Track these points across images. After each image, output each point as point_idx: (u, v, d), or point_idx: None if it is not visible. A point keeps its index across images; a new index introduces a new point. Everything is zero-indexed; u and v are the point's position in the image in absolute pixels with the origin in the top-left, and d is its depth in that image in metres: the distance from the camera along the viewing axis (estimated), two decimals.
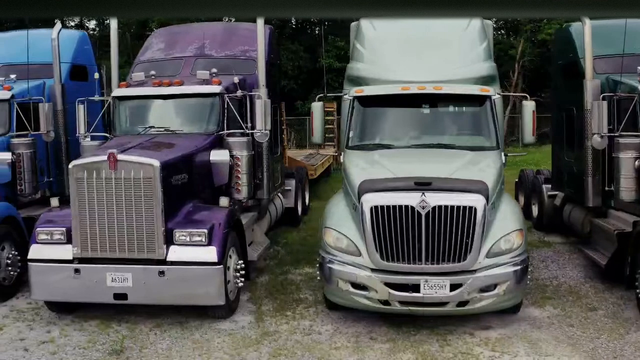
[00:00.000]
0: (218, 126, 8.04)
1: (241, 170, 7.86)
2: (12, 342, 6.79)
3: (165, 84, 8.11)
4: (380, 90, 7.66)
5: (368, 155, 7.38)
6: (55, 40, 9.02)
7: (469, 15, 0.83)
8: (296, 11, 0.85)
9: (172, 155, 7.07)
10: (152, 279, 6.78)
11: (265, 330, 6.89)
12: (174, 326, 7.04)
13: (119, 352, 6.41)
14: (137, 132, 8.11)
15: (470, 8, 0.81)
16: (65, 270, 6.95)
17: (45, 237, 7.04)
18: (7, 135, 8.66)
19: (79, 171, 6.82)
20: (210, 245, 6.79)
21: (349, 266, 6.68)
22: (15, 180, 8.55)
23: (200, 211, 7.19)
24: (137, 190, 6.74)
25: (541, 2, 0.80)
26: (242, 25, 9.87)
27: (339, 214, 6.98)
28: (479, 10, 0.82)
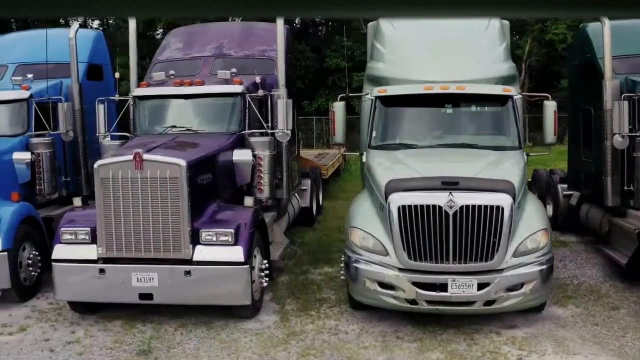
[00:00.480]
0: (240, 126, 8.03)
1: (263, 170, 7.85)
2: (37, 342, 6.76)
3: (186, 84, 8.09)
4: (403, 90, 7.67)
5: (392, 154, 7.39)
6: (73, 39, 8.99)
7: (471, 15, 0.84)
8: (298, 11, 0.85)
9: (197, 155, 7.05)
10: (178, 278, 6.77)
11: (292, 330, 6.89)
12: (199, 326, 7.03)
13: (147, 353, 6.40)
14: (158, 131, 8.09)
15: (472, 8, 0.81)
16: (90, 270, 6.92)
17: (70, 237, 7.02)
18: (25, 134, 8.63)
19: (105, 171, 6.80)
20: (237, 245, 6.78)
21: (375, 265, 6.68)
22: (34, 180, 8.51)
23: (226, 211, 7.18)
24: (163, 190, 6.72)
25: (543, 2, 0.80)
26: (260, 25, 9.86)
27: (365, 213, 6.98)
28: (481, 10, 0.82)
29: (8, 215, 7.61)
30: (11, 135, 8.60)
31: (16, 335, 6.97)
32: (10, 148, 8.35)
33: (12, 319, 7.42)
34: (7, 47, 10.27)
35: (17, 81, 8.79)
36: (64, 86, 9.24)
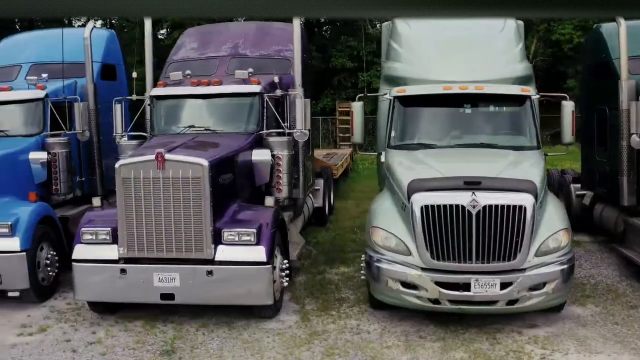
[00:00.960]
0: (258, 126, 8.03)
1: (282, 169, 7.85)
2: (59, 343, 6.74)
3: (204, 84, 8.08)
4: (422, 90, 7.68)
5: (411, 154, 7.40)
6: (88, 39, 8.96)
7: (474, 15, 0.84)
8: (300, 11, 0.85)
9: (218, 155, 7.04)
10: (200, 278, 6.76)
11: (314, 330, 6.89)
12: (221, 326, 7.02)
13: (171, 353, 6.38)
14: (176, 131, 8.07)
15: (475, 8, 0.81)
16: (111, 270, 6.90)
17: (90, 237, 6.99)
18: (41, 134, 8.60)
19: (126, 171, 6.78)
20: (259, 245, 6.77)
21: (398, 265, 6.69)
22: (50, 180, 8.49)
23: (247, 211, 7.17)
24: (185, 190, 6.71)
25: (544, 2, 0.80)
26: (275, 25, 9.85)
27: (386, 213, 6.99)
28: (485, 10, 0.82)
29: (26, 215, 7.58)
30: (27, 135, 8.57)
31: (36, 336, 6.94)
32: (26, 148, 8.32)
33: (31, 319, 7.40)
34: (20, 46, 10.23)
35: (32, 80, 8.75)
36: (79, 86, 9.20)
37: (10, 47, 10.34)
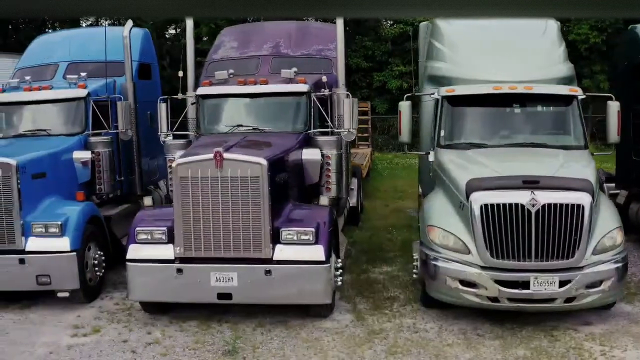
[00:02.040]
0: (305, 125, 8.02)
1: (331, 169, 7.85)
2: (115, 344, 6.69)
3: (251, 83, 8.06)
4: (473, 89, 7.72)
5: (463, 153, 7.44)
6: (127, 38, 8.90)
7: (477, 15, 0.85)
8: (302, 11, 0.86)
9: (274, 154, 7.03)
10: (258, 278, 6.74)
11: (371, 329, 6.89)
12: (277, 325, 7.00)
13: (233, 353, 6.36)
14: (224, 130, 8.05)
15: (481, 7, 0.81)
16: (167, 270, 6.86)
17: (145, 236, 6.95)
18: (83, 133, 8.53)
19: (184, 170, 6.75)
20: (318, 244, 6.76)
21: (456, 264, 6.72)
22: (93, 180, 8.42)
23: (303, 210, 7.17)
24: (243, 189, 6.68)
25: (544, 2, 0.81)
26: (314, 25, 9.87)
27: (442, 211, 7.01)
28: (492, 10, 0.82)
29: (75, 215, 7.52)
30: (69, 134, 8.50)
31: (91, 337, 6.89)
32: (70, 147, 8.25)
33: (82, 320, 7.34)
34: (55, 45, 10.14)
35: (73, 79, 8.68)
36: (118, 85, 9.14)
37: (45, 46, 10.24)
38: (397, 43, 22.75)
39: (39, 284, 7.36)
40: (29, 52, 10.11)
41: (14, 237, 7.33)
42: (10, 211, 7.30)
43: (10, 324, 7.32)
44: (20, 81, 8.83)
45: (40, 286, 7.38)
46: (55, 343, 6.75)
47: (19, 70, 9.71)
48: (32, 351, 6.59)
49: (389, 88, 22.78)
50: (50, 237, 7.35)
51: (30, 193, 7.46)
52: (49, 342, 6.77)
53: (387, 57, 23.24)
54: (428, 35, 9.29)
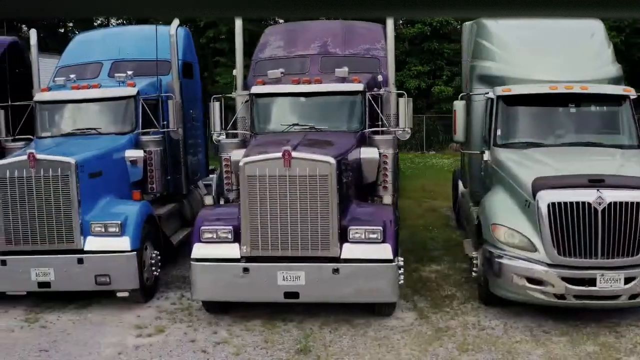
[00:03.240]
0: (361, 124, 8.04)
1: (388, 168, 7.88)
2: (184, 343, 6.66)
3: (305, 82, 8.06)
4: (530, 89, 7.80)
5: (523, 153, 7.51)
6: (174, 36, 8.85)
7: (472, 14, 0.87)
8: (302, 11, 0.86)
9: (338, 153, 7.03)
10: (325, 277, 6.74)
11: (437, 327, 6.93)
12: (342, 324, 7.01)
13: (307, 351, 6.36)
14: (279, 129, 8.03)
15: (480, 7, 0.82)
16: (233, 269, 6.84)
17: (210, 235, 6.92)
18: (134, 132, 8.47)
19: (251, 168, 6.73)
20: (385, 243, 6.78)
21: (522, 261, 6.78)
22: (144, 179, 8.37)
23: (368, 208, 7.19)
24: (312, 188, 6.68)
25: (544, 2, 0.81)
26: (359, 24, 9.86)
27: (506, 210, 7.07)
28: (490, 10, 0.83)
29: (134, 215, 7.47)
30: (119, 133, 8.43)
31: (156, 337, 6.84)
32: (122, 146, 8.19)
33: (143, 320, 7.29)
34: (97, 43, 10.04)
35: (121, 78, 8.61)
36: (164, 83, 9.09)
37: (86, 44, 10.14)
38: (415, 43, 22.87)
39: (97, 284, 7.30)
40: (69, 50, 10.02)
41: (73, 236, 7.27)
42: (69, 210, 7.24)
43: (70, 324, 7.25)
44: (66, 79, 8.74)
45: (99, 286, 7.32)
46: (122, 343, 6.70)
47: (61, 68, 9.61)
48: (99, 352, 6.53)
49: (407, 87, 22.88)
50: (109, 236, 7.29)
51: (87, 192, 7.40)
52: (115, 343, 6.72)
53: (405, 56, 23.35)
54: (473, 35, 9.35)
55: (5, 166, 7.31)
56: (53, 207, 7.23)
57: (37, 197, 7.23)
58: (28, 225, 7.27)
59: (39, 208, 7.24)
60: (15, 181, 7.26)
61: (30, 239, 7.30)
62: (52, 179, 7.21)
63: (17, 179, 7.25)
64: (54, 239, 7.28)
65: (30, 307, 7.74)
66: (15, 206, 7.27)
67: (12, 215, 7.29)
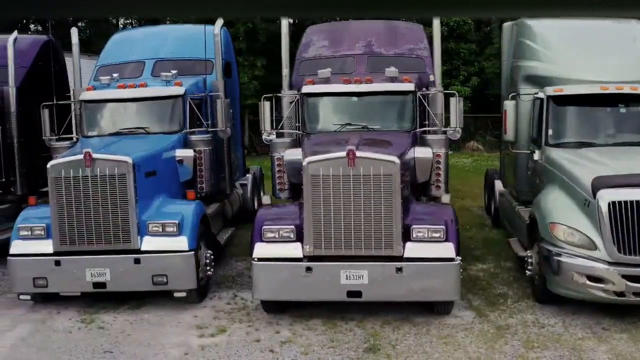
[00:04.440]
0: (412, 124, 8.08)
1: (442, 167, 7.92)
2: (249, 343, 6.64)
3: (356, 81, 8.08)
4: (581, 89, 7.89)
5: (576, 152, 7.60)
6: (219, 35, 8.83)
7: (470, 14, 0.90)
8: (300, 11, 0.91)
9: (399, 152, 7.06)
10: (389, 276, 6.77)
11: (497, 325, 6.98)
12: (403, 323, 7.03)
13: (375, 350, 6.38)
14: (331, 129, 8.04)
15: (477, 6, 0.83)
16: (296, 268, 6.84)
17: (272, 235, 6.91)
18: (182, 132, 8.42)
19: (315, 168, 6.73)
20: (448, 242, 6.82)
21: (582, 259, 6.86)
22: (194, 178, 8.33)
23: (428, 208, 7.23)
24: (375, 187, 6.70)
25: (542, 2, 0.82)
26: (401, 24, 9.91)
27: (564, 209, 7.15)
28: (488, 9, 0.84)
29: (190, 214, 7.43)
30: (168, 132, 8.39)
31: (219, 337, 6.81)
32: (173, 145, 8.14)
33: (202, 320, 7.25)
34: (137, 42, 9.98)
35: (168, 77, 8.57)
36: (208, 82, 9.05)
37: (125, 43, 10.07)
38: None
39: (154, 284, 7.25)
40: (108, 50, 9.93)
41: (130, 236, 7.22)
42: (126, 210, 7.19)
43: (128, 325, 7.20)
44: (111, 78, 8.67)
45: (156, 286, 7.27)
46: (186, 344, 6.67)
47: (101, 67, 9.54)
48: (165, 352, 6.50)
49: None
50: (167, 236, 7.25)
51: (143, 192, 7.35)
52: (179, 343, 6.69)
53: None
54: (514, 35, 9.43)
55: (60, 165, 7.25)
56: (109, 207, 7.18)
57: (93, 197, 7.18)
58: (83, 225, 7.21)
59: (94, 208, 7.18)
60: (70, 181, 7.20)
61: (86, 239, 7.24)
62: (108, 178, 7.16)
63: (72, 179, 7.20)
64: (110, 239, 7.23)
65: (83, 308, 7.68)
66: (70, 206, 7.21)
67: (67, 215, 7.23)
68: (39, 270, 7.34)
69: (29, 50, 9.98)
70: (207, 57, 8.87)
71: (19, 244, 7.45)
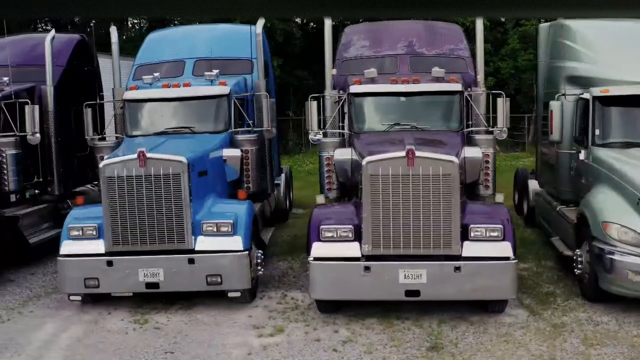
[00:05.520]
0: (461, 123, 8.13)
1: (490, 167, 7.98)
2: (310, 342, 6.64)
3: (404, 81, 8.12)
4: (628, 90, 7.98)
5: (625, 152, 7.71)
6: (260, 35, 8.82)
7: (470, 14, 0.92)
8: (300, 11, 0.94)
9: (456, 152, 7.11)
10: (447, 275, 6.81)
11: (553, 323, 7.05)
12: (459, 322, 7.07)
13: (439, 349, 6.42)
14: (380, 129, 8.07)
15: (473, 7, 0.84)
16: (355, 268, 6.86)
17: (331, 234, 6.92)
18: (227, 131, 8.40)
19: (374, 168, 6.76)
20: (505, 241, 6.88)
21: (635, 257, 6.95)
22: (241, 178, 8.32)
23: (483, 207, 7.29)
24: (435, 187, 6.74)
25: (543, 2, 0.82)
26: (438, 24, 9.96)
27: (617, 208, 7.24)
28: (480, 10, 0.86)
29: (244, 214, 7.42)
30: (214, 132, 8.36)
31: (278, 337, 6.81)
32: (220, 145, 8.12)
33: (257, 320, 7.23)
34: (174, 42, 9.93)
35: (212, 76, 8.54)
36: (250, 82, 9.04)
37: (162, 42, 10.03)
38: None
39: (208, 284, 7.23)
40: (145, 49, 9.86)
41: (184, 236, 7.19)
42: (180, 210, 7.15)
43: (183, 325, 7.17)
44: (153, 78, 8.62)
45: (210, 286, 7.25)
46: (247, 344, 6.66)
47: (139, 67, 9.48)
48: (227, 352, 6.48)
49: None
50: (221, 236, 7.23)
51: (196, 191, 7.33)
52: (239, 343, 6.68)
53: None
54: (551, 36, 9.52)
55: (114, 165, 7.21)
56: (164, 207, 7.15)
57: (147, 197, 7.14)
58: (137, 225, 7.17)
59: (148, 207, 7.15)
60: (124, 180, 7.16)
61: (139, 239, 7.20)
62: (163, 178, 7.13)
63: (126, 178, 7.15)
64: (164, 239, 7.20)
65: (133, 309, 7.63)
66: (123, 206, 7.17)
67: (120, 215, 7.18)
68: (90, 270, 7.29)
69: (64, 49, 9.90)
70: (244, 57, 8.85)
71: (70, 245, 7.39)
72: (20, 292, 8.43)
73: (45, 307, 7.88)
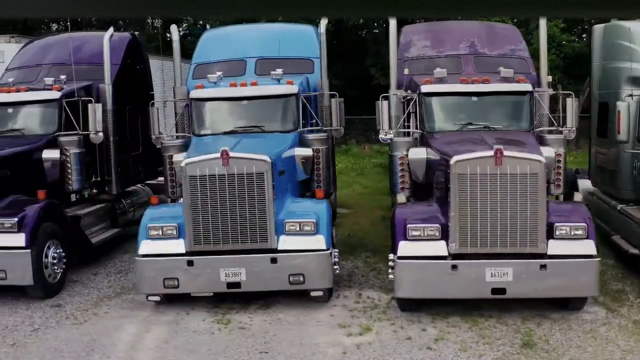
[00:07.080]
0: (531, 123, 8.22)
1: (561, 166, 8.07)
2: (402, 341, 6.66)
3: (475, 81, 8.18)
4: None
5: None
6: (324, 35, 8.81)
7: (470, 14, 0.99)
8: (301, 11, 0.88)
9: (538, 151, 7.18)
10: (533, 273, 6.88)
11: (633, 320, 7.17)
12: (541, 319, 7.13)
13: (532, 346, 6.49)
14: (452, 128, 8.12)
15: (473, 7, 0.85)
16: (441, 266, 6.91)
17: (417, 233, 6.96)
18: (297, 130, 8.37)
19: (462, 167, 6.81)
20: (589, 239, 6.98)
21: None
22: (312, 177, 8.30)
23: (567, 205, 7.40)
24: (522, 185, 6.80)
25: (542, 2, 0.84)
26: (496, 25, 10.05)
27: None
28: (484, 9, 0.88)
29: (324, 213, 7.40)
30: (283, 132, 8.33)
31: (368, 336, 6.82)
32: (292, 144, 8.09)
33: (340, 319, 7.22)
34: (234, 41, 9.84)
35: (278, 75, 8.51)
36: (312, 82, 9.02)
37: (219, 41, 9.95)
38: None
39: (291, 284, 7.21)
40: (202, 48, 9.76)
41: (267, 235, 7.15)
42: (263, 209, 7.12)
43: (268, 325, 7.14)
44: (219, 77, 8.55)
45: (292, 286, 7.23)
46: (339, 343, 6.66)
47: (198, 66, 9.40)
48: (323, 352, 6.47)
49: None
50: (304, 235, 7.21)
51: (277, 190, 7.31)
52: (332, 342, 6.67)
53: None
54: (606, 37, 9.66)
55: (196, 164, 7.15)
56: (247, 206, 7.11)
57: (230, 196, 7.10)
58: (219, 224, 7.12)
59: (231, 207, 7.10)
60: (206, 179, 7.10)
61: (221, 239, 7.16)
62: (246, 177, 7.09)
63: (208, 177, 7.10)
64: (247, 238, 7.16)
65: (210, 309, 7.57)
66: (205, 205, 7.11)
67: (202, 215, 7.13)
68: (170, 270, 7.23)
69: (118, 48, 9.78)
70: (304, 56, 8.86)
71: (149, 244, 7.31)
72: (88, 293, 8.32)
73: (119, 308, 7.79)
